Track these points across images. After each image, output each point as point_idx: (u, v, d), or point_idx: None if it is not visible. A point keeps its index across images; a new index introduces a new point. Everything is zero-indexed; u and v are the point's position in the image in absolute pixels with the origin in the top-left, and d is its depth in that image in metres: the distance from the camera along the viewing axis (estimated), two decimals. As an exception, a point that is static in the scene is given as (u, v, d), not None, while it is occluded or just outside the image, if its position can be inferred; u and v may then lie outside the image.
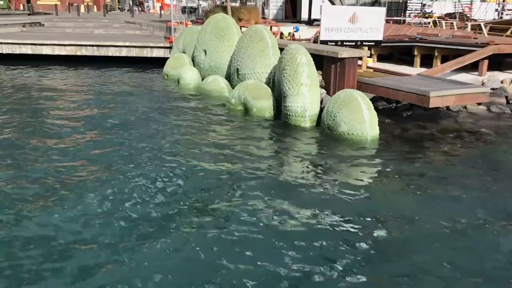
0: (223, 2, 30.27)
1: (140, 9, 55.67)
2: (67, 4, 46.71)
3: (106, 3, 51.77)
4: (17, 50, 21.82)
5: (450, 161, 9.33)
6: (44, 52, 21.76)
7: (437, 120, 12.05)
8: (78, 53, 21.74)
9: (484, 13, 25.44)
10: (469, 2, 28.66)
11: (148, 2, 63.64)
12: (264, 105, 12.41)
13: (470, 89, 11.40)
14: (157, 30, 27.15)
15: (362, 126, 10.06)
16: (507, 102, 13.22)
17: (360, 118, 10.09)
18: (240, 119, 12.26)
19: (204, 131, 11.10)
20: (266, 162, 8.91)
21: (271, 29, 19.39)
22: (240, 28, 17.57)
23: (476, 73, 14.31)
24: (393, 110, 12.75)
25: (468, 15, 27.36)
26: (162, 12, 44.27)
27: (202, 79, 16.48)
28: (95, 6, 51.30)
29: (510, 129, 11.52)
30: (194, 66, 17.70)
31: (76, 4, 45.92)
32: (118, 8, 57.74)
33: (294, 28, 21.86)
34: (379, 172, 8.61)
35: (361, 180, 8.22)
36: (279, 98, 12.20)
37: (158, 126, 11.45)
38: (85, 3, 48.52)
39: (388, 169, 8.68)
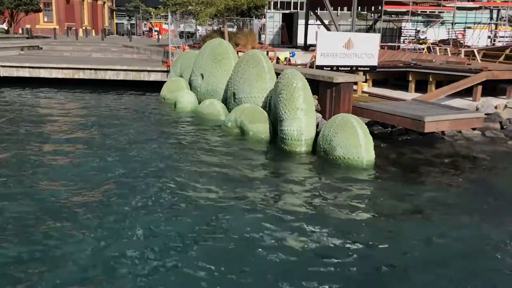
0: (220, 28, 30.64)
1: (149, 34, 56.39)
2: (65, 28, 47.15)
3: (104, 28, 52.35)
4: (15, 73, 21.91)
5: (446, 186, 9.34)
6: (41, 75, 21.85)
7: (433, 145, 12.11)
8: (76, 76, 21.84)
9: (477, 39, 25.88)
10: (462, 29, 29.15)
11: (146, 26, 64.43)
12: (260, 129, 12.46)
13: (464, 114, 11.51)
14: (154, 54, 27.38)
15: (358, 151, 10.09)
16: (501, 127, 13.33)
17: (356, 143, 10.13)
18: (237, 143, 12.27)
19: (200, 155, 11.08)
20: (262, 188, 8.86)
21: (267, 54, 19.61)
22: (237, 53, 17.75)
23: (470, 98, 14.46)
24: (389, 134, 12.82)
25: (462, 42, 27.80)
26: (160, 36, 44.75)
27: (199, 103, 16.56)
28: (93, 30, 51.78)
29: (505, 154, 11.59)
30: (191, 90, 17.80)
31: (74, 28, 46.42)
32: (117, 33, 58.43)
33: (290, 53, 22.10)
34: (376, 198, 8.60)
35: (358, 205, 8.18)
36: (275, 122, 12.26)
37: (154, 150, 11.43)
38: (84, 27, 48.98)
39: (384, 195, 8.67)
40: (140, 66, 22.39)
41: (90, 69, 21.87)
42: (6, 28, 38.31)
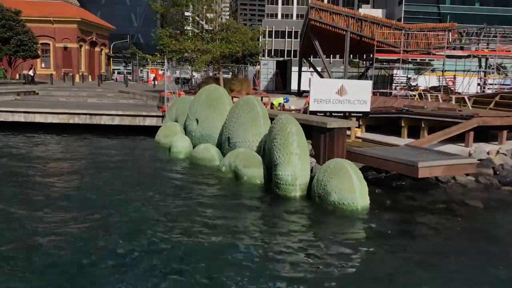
0: (215, 74, 31.18)
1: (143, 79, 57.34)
2: (62, 73, 47.74)
3: (101, 73, 53.05)
4: (10, 118, 21.97)
5: (441, 233, 9.25)
6: (36, 120, 21.91)
7: (427, 191, 12.09)
8: (71, 121, 21.93)
9: (467, 86, 26.41)
10: (452, 77, 29.79)
11: (142, 72, 65.40)
12: (254, 173, 12.44)
13: (458, 160, 11.58)
14: (150, 99, 27.68)
15: (353, 196, 10.05)
16: (495, 173, 13.37)
17: (351, 188, 10.11)
18: (231, 188, 12.21)
19: (194, 201, 10.97)
20: (256, 236, 8.73)
21: (261, 99, 19.87)
22: (232, 99, 17.99)
23: (463, 144, 14.59)
24: (383, 180, 12.82)
25: (452, 89, 28.36)
26: (156, 82, 45.38)
27: (194, 148, 16.59)
28: (89, 76, 52.46)
29: (499, 201, 11.56)
30: (186, 134, 17.89)
31: (71, 74, 47.02)
32: (112, 78, 59.20)
33: (284, 99, 22.41)
34: (371, 245, 8.46)
35: (353, 254, 8.05)
36: (269, 167, 12.26)
37: (148, 197, 11.28)
38: (80, 73, 49.62)
39: (379, 243, 8.56)
40: (136, 111, 22.56)
41: (86, 114, 22.00)
42: (32, 74, 39.07)
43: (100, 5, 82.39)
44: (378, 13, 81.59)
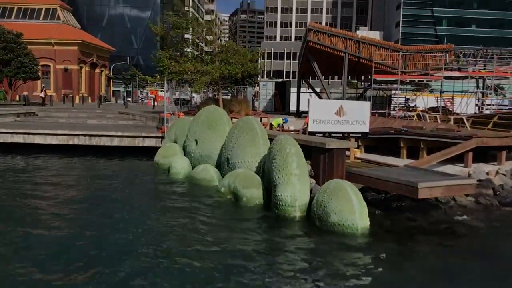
0: (215, 95, 31.34)
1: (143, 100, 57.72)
2: (62, 95, 47.93)
3: (101, 95, 53.30)
4: (9, 139, 21.96)
5: (442, 255, 9.17)
6: (36, 141, 21.91)
7: (427, 212, 12.04)
8: (70, 142, 21.92)
9: (465, 107, 26.53)
10: (450, 97, 29.96)
11: (142, 94, 65.73)
12: (253, 194, 12.39)
13: (457, 180, 11.54)
14: (150, 120, 27.73)
15: (353, 217, 9.99)
16: (495, 194, 13.33)
17: (350, 209, 10.06)
18: (230, 210, 12.14)
19: (193, 223, 10.88)
20: (255, 257, 8.66)
21: (260, 120, 19.93)
22: (231, 119, 18.04)
23: (462, 164, 14.59)
24: (383, 200, 12.77)
25: (450, 109, 28.49)
26: (156, 103, 45.57)
27: (193, 168, 16.56)
28: (89, 97, 52.68)
29: (500, 222, 11.51)
30: (185, 155, 17.87)
31: (71, 95, 47.21)
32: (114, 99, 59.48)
33: (283, 119, 22.47)
34: (371, 268, 8.38)
35: (353, 276, 7.97)
36: (269, 187, 12.22)
37: (145, 218, 11.20)
38: (80, 94, 49.81)
39: (380, 264, 8.48)
40: (135, 132, 22.59)
41: (85, 135, 22.01)
42: (43, 96, 39.36)
43: (101, 27, 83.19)
44: (375, 35, 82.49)
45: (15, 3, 54.71)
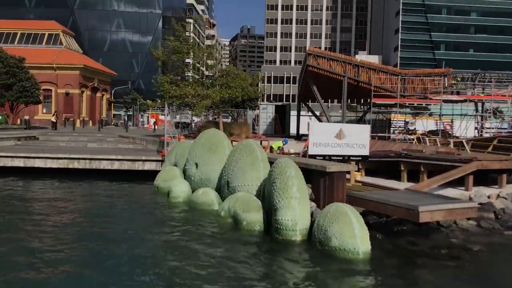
0: (215, 118, 31.48)
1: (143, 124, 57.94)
2: (63, 119, 48.16)
3: (102, 118, 53.55)
4: (9, 163, 21.96)
5: (443, 280, 9.06)
6: (36, 165, 21.90)
7: (429, 236, 11.94)
8: (70, 166, 21.92)
9: (465, 130, 26.59)
10: (450, 121, 30.06)
11: (143, 117, 65.99)
12: (254, 218, 12.31)
13: (458, 204, 11.49)
14: (150, 144, 27.78)
15: (354, 241, 9.91)
16: (496, 217, 13.25)
17: (351, 233, 9.99)
18: (230, 235, 12.03)
19: (191, 247, 10.80)
20: (255, 284, 8.52)
21: (261, 143, 19.96)
22: (231, 142, 18.07)
23: (462, 188, 14.54)
24: (384, 224, 12.68)
25: (450, 133, 28.55)
26: (156, 127, 45.72)
27: (193, 192, 16.51)
28: (90, 121, 52.92)
29: (502, 246, 11.41)
30: (185, 179, 17.84)
31: (72, 119, 47.44)
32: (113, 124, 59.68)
33: (283, 141, 22.51)
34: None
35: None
36: (269, 211, 12.16)
37: (144, 243, 11.10)
38: (81, 118, 50.05)
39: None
40: (135, 155, 22.60)
41: (85, 158, 22.02)
42: (54, 121, 39.66)
43: (102, 52, 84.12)
44: (374, 59, 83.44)
45: (18, 29, 55.53)
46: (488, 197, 14.06)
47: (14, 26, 56.64)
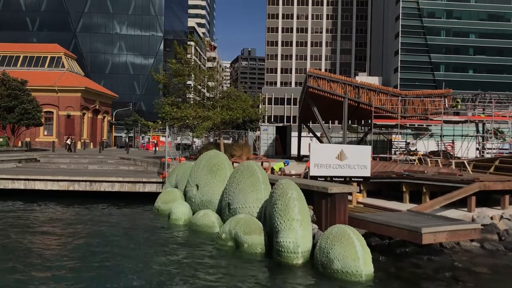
0: (216, 139, 31.49)
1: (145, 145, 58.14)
2: (64, 141, 48.28)
3: (103, 140, 53.63)
4: (10, 185, 21.91)
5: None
6: (36, 187, 21.84)
7: (432, 258, 11.78)
8: (71, 188, 21.85)
9: (466, 151, 26.56)
10: (451, 141, 30.06)
11: (144, 139, 66.12)
12: (255, 241, 12.18)
13: (461, 225, 11.38)
14: (151, 165, 27.75)
15: (356, 264, 9.79)
16: (500, 239, 13.11)
17: (354, 255, 9.87)
18: (231, 258, 11.89)
19: (191, 271, 10.64)
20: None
21: (262, 164, 19.91)
22: (232, 164, 18.04)
23: (465, 209, 14.44)
24: (387, 246, 12.53)
25: (451, 153, 28.52)
26: (157, 148, 45.75)
27: (193, 214, 16.40)
28: (91, 143, 53.00)
29: (506, 268, 11.25)
30: (185, 200, 17.75)
31: (73, 141, 47.53)
32: (115, 145, 59.80)
33: (284, 162, 22.48)
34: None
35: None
36: (270, 233, 12.04)
37: (145, 268, 10.97)
38: (82, 140, 50.14)
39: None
40: (136, 177, 22.55)
41: (86, 181, 21.97)
42: (69, 143, 39.82)
43: (104, 74, 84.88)
44: (374, 80, 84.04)
45: (21, 52, 56.12)
46: (491, 218, 13.95)
47: (17, 49, 57.28)
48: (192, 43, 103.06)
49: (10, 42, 61.37)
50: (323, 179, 14.36)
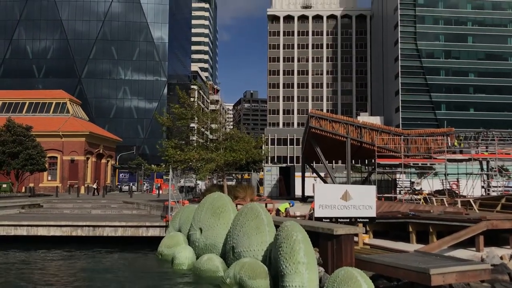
0: (219, 181, 31.43)
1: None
2: (67, 185, 48.28)
3: (106, 184, 53.56)
4: (12, 231, 21.72)
5: None
6: (39, 233, 21.63)
7: (442, 299, 11.47)
8: (74, 234, 21.64)
9: (471, 189, 26.36)
10: (456, 179, 29.88)
11: (146, 182, 65.94)
12: (260, 285, 11.93)
13: (471, 266, 11.13)
14: (154, 209, 27.56)
15: (365, 307, 9.55)
16: (511, 280, 12.79)
17: (362, 298, 9.64)
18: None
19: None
20: None
21: (266, 206, 19.77)
22: (236, 206, 17.90)
23: (473, 248, 14.18)
24: (395, 288, 12.25)
25: (457, 192, 28.28)
26: (160, 191, 45.59)
27: (197, 258, 16.13)
28: (96, 190, 52.99)
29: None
30: (189, 244, 17.50)
31: (76, 186, 47.47)
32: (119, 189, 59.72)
33: (289, 202, 22.34)
34: None
35: None
36: (276, 277, 11.80)
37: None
38: (86, 185, 50.17)
39: None
40: (139, 222, 22.36)
41: (89, 226, 21.79)
42: (95, 187, 39.99)
43: (108, 118, 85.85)
44: (376, 120, 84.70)
45: (27, 99, 57.06)
46: (501, 258, 13.66)
47: (23, 96, 58.29)
48: (195, 87, 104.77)
49: (16, 89, 62.63)
50: (328, 220, 14.21)
